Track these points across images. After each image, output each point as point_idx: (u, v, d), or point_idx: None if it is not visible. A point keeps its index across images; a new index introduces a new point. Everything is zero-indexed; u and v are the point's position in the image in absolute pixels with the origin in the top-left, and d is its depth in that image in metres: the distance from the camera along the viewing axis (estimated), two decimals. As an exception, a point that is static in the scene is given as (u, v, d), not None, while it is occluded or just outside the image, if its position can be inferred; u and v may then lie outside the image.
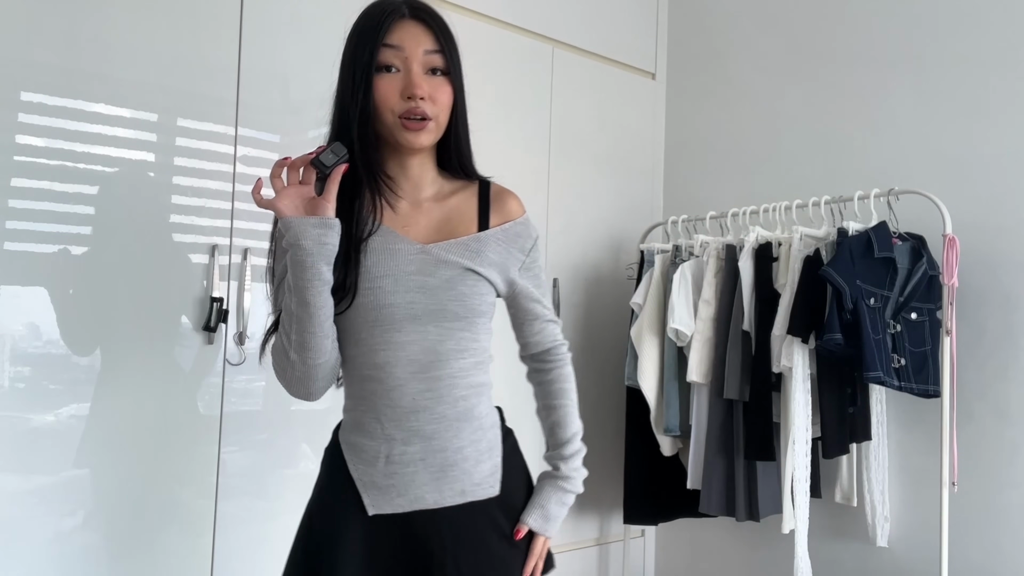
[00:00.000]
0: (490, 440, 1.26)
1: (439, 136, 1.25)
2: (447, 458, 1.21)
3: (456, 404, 1.21)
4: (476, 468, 1.22)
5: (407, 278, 1.21)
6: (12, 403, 1.78)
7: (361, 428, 1.24)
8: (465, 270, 1.23)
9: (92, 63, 1.88)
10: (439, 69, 1.23)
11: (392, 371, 1.20)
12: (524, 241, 1.31)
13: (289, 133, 2.18)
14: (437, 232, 1.26)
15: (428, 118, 1.20)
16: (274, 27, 2.15)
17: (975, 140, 2.25)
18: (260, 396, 2.11)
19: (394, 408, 1.20)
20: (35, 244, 1.80)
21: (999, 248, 2.17)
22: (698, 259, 2.47)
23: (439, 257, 1.23)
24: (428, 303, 1.20)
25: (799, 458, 2.11)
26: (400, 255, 1.21)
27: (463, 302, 1.22)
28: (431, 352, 1.20)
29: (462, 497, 1.21)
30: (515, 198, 1.34)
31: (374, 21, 1.21)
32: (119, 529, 1.89)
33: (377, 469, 1.21)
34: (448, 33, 1.25)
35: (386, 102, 1.20)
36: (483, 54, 2.60)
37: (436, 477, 1.20)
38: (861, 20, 2.54)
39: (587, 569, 2.85)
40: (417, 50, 1.21)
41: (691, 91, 3.08)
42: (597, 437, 2.86)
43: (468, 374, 1.23)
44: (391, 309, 1.19)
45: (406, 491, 1.20)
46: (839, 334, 2.00)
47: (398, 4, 1.22)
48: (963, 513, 2.17)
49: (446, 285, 1.21)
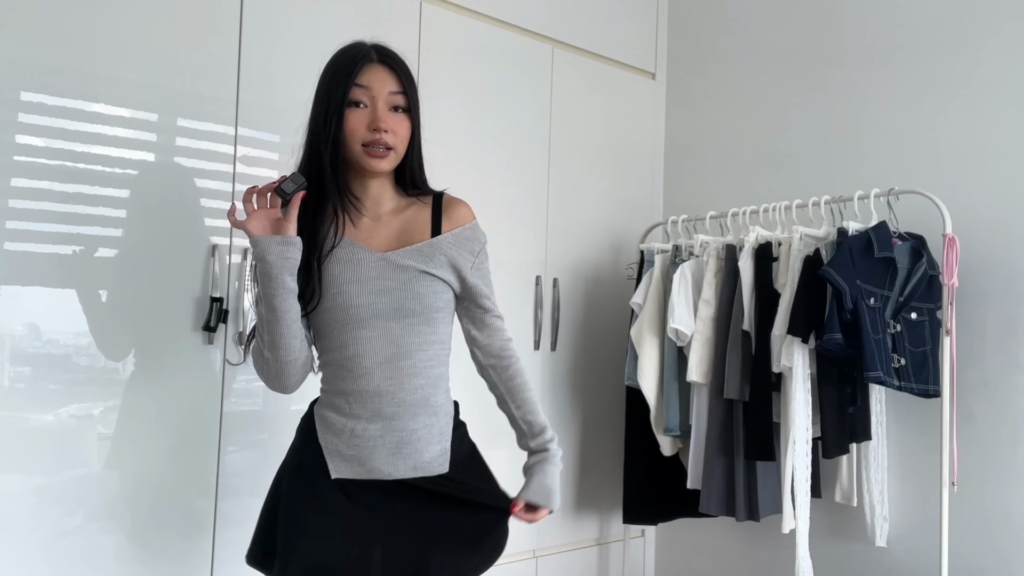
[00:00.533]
0: (442, 426, 1.45)
1: (397, 163, 1.46)
2: (403, 437, 1.41)
3: (415, 392, 1.42)
4: (427, 448, 1.42)
5: (369, 282, 1.42)
6: (12, 403, 1.78)
7: (332, 405, 1.45)
8: (420, 272, 1.44)
9: (92, 63, 1.88)
10: (400, 107, 1.45)
11: (360, 361, 1.41)
12: (473, 244, 1.51)
13: (289, 133, 2.17)
14: (396, 241, 1.47)
15: (390, 148, 1.42)
16: (274, 27, 2.15)
17: (975, 140, 2.25)
18: (260, 396, 2.11)
19: (361, 392, 1.41)
20: (35, 244, 1.80)
21: (999, 248, 2.17)
22: (698, 259, 2.47)
23: (396, 263, 1.43)
24: (389, 303, 1.42)
25: (799, 458, 2.11)
26: (362, 263, 1.43)
27: (420, 300, 1.43)
28: (394, 345, 1.42)
29: (413, 472, 1.42)
30: (465, 206, 1.54)
31: (347, 63, 1.43)
32: (119, 529, 1.89)
33: (343, 440, 1.42)
34: (409, 76, 1.47)
35: (354, 133, 1.41)
36: (483, 54, 2.60)
37: (392, 452, 1.41)
38: (861, 20, 2.54)
39: (587, 569, 2.85)
40: (383, 90, 1.43)
41: (691, 91, 3.08)
42: (597, 437, 2.86)
43: (428, 365, 1.44)
44: (357, 309, 1.41)
45: (365, 462, 1.41)
46: (839, 334, 2.00)
47: (368, 49, 1.44)
48: (963, 513, 2.17)
49: (403, 287, 1.42)
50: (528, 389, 1.52)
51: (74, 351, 1.86)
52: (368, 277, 1.42)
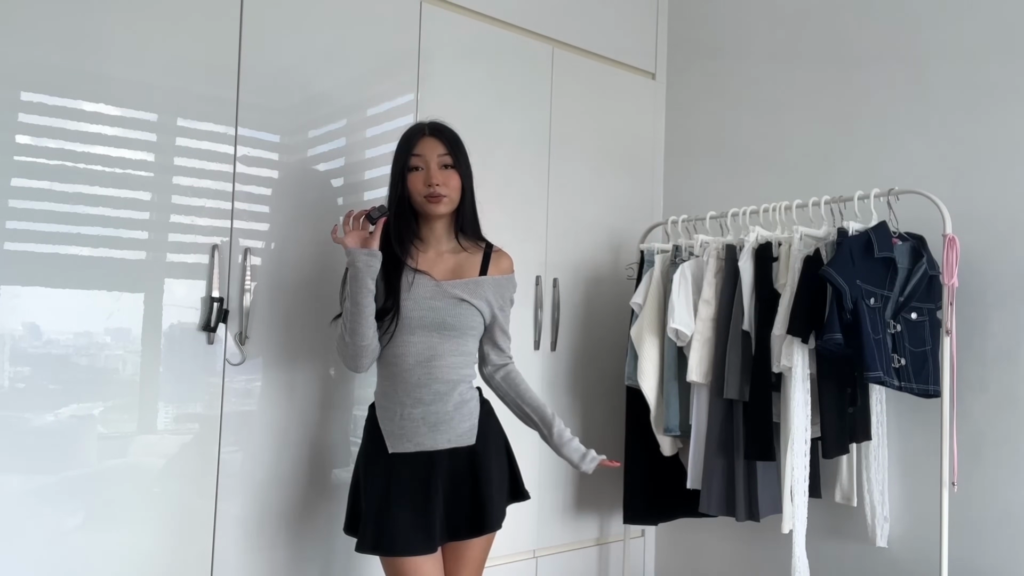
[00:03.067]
0: (470, 409, 1.88)
1: (453, 208, 1.90)
2: (439, 418, 1.83)
3: (446, 384, 1.84)
4: (460, 425, 1.85)
5: (422, 300, 1.85)
6: (12, 403, 1.78)
7: (385, 394, 1.88)
8: (463, 300, 1.87)
9: (92, 63, 1.88)
10: (449, 164, 1.88)
11: (405, 359, 1.84)
12: (508, 290, 1.98)
13: (289, 133, 2.18)
14: (451, 273, 1.91)
15: (444, 195, 1.86)
16: (274, 27, 2.15)
17: (975, 140, 2.25)
18: (260, 396, 2.11)
19: (404, 383, 1.84)
20: (35, 244, 1.80)
21: (999, 248, 2.17)
22: (698, 259, 2.46)
23: (447, 290, 1.87)
24: (434, 318, 1.84)
25: (799, 458, 2.11)
26: (420, 286, 1.86)
27: (458, 319, 1.86)
28: (431, 349, 1.84)
29: (448, 444, 1.84)
30: (508, 259, 2.00)
31: (407, 140, 1.91)
32: (119, 529, 1.89)
33: (394, 423, 1.84)
34: (456, 142, 1.91)
35: (415, 190, 1.88)
36: (483, 54, 2.60)
37: (431, 429, 1.83)
38: (861, 20, 2.54)
39: (587, 569, 2.85)
40: (433, 155, 1.88)
41: (691, 91, 3.08)
42: (597, 437, 2.86)
43: (456, 367, 1.86)
44: (408, 320, 1.84)
45: (412, 438, 1.83)
46: (839, 334, 2.00)
47: (423, 127, 1.92)
48: (963, 513, 2.17)
49: (448, 308, 1.85)
50: (532, 390, 2.02)
51: (74, 351, 1.86)
52: (422, 297, 1.84)
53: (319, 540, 2.20)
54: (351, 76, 2.30)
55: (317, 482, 2.20)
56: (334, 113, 2.27)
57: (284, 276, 2.15)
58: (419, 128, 1.91)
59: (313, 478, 2.20)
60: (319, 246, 2.21)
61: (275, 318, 2.13)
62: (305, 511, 2.18)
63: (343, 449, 2.25)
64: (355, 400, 2.28)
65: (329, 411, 2.24)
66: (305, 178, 2.21)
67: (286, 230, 2.16)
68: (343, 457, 2.25)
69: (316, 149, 2.23)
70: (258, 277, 2.10)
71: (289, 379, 2.16)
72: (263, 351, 2.11)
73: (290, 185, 2.17)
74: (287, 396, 2.17)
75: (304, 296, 2.18)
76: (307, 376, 2.19)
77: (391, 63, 2.39)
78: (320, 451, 2.22)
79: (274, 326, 2.13)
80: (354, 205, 2.28)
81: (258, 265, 2.10)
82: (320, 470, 2.21)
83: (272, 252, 2.13)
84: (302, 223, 2.19)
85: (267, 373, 2.13)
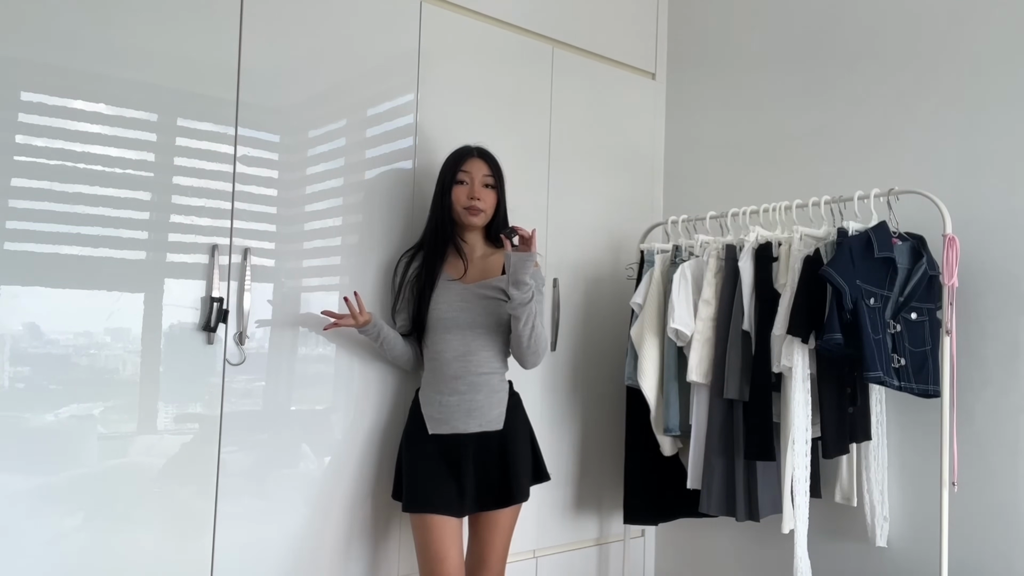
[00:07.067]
0: (500, 398, 2.17)
1: (487, 222, 2.23)
2: (472, 406, 2.12)
3: (480, 375, 2.13)
4: (490, 412, 2.13)
5: (456, 302, 2.15)
6: (12, 403, 1.78)
7: (428, 385, 2.18)
8: (490, 299, 2.15)
9: (92, 63, 1.88)
10: (490, 184, 2.22)
11: (444, 355, 2.14)
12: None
13: (289, 133, 2.18)
14: (480, 276, 2.20)
15: (481, 210, 2.19)
16: (274, 27, 2.15)
17: (975, 140, 2.25)
18: (260, 396, 2.11)
19: (444, 375, 2.14)
20: (35, 244, 1.80)
21: (999, 248, 2.17)
22: (698, 259, 2.46)
23: (476, 292, 2.16)
24: (466, 317, 2.14)
25: (799, 458, 2.11)
26: (453, 290, 2.17)
27: (487, 317, 2.15)
28: (466, 345, 2.14)
29: (479, 428, 2.12)
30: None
31: (456, 156, 2.23)
32: (119, 529, 1.89)
33: (434, 408, 2.13)
34: (497, 166, 2.23)
35: (458, 200, 2.20)
36: (483, 54, 2.60)
37: (466, 414, 2.11)
38: (860, 20, 2.54)
39: (587, 569, 2.85)
40: (478, 174, 2.20)
41: (691, 91, 3.08)
42: (597, 437, 2.86)
43: (489, 359, 2.15)
44: (444, 321, 2.14)
45: (448, 421, 2.11)
46: (839, 334, 2.00)
47: (472, 149, 2.24)
48: (963, 513, 2.17)
49: (478, 307, 2.15)
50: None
51: (74, 351, 1.86)
52: (455, 299, 2.15)
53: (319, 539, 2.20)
54: (351, 76, 2.30)
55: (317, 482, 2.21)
56: (334, 113, 2.27)
57: (284, 276, 2.15)
58: (468, 150, 2.23)
59: (312, 478, 2.20)
60: (319, 246, 2.21)
61: (275, 318, 2.13)
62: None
63: (343, 449, 2.25)
64: (355, 400, 2.28)
65: (329, 411, 2.24)
66: (305, 178, 2.21)
67: (286, 230, 2.16)
68: (343, 457, 2.26)
69: (316, 149, 2.23)
70: (258, 277, 2.10)
71: (289, 379, 2.16)
72: (263, 351, 2.11)
73: (290, 185, 2.17)
74: (287, 396, 2.17)
75: (304, 296, 2.18)
76: (307, 376, 2.19)
77: (391, 63, 2.39)
78: (320, 450, 2.22)
79: (274, 326, 2.13)
80: (354, 204, 2.28)
81: (258, 265, 2.10)
82: (320, 470, 2.21)
83: (272, 252, 2.13)
84: (302, 223, 2.19)
85: (267, 373, 2.13)
